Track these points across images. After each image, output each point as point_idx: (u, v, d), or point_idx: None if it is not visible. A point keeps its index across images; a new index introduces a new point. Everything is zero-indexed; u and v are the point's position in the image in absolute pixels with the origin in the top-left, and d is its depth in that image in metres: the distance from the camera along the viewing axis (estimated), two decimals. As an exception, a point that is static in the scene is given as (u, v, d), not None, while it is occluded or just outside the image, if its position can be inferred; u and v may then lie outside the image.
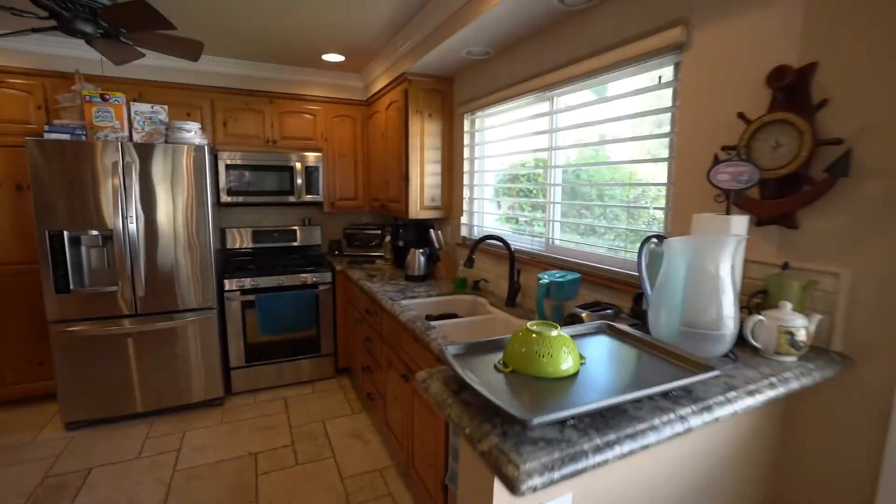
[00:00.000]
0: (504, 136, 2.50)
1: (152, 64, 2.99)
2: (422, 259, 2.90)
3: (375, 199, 3.57)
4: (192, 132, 2.76)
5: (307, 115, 3.45)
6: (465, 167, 2.85)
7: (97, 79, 2.87)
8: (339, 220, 3.99)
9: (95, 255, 2.65)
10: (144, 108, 2.70)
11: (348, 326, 3.34)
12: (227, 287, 3.03)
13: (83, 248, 2.63)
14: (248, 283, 3.08)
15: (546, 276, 1.80)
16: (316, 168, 3.45)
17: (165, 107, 2.78)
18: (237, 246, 3.57)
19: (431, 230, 3.03)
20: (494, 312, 2.28)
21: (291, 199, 3.41)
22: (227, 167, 3.20)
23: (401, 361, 2.15)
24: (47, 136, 2.49)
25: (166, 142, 2.71)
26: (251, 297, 3.08)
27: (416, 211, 2.93)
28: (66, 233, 2.55)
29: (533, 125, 2.27)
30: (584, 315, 1.45)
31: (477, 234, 2.85)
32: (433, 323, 2.11)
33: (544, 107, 2.17)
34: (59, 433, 2.67)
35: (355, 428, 2.78)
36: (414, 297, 2.46)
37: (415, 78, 2.77)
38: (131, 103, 2.67)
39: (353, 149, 3.63)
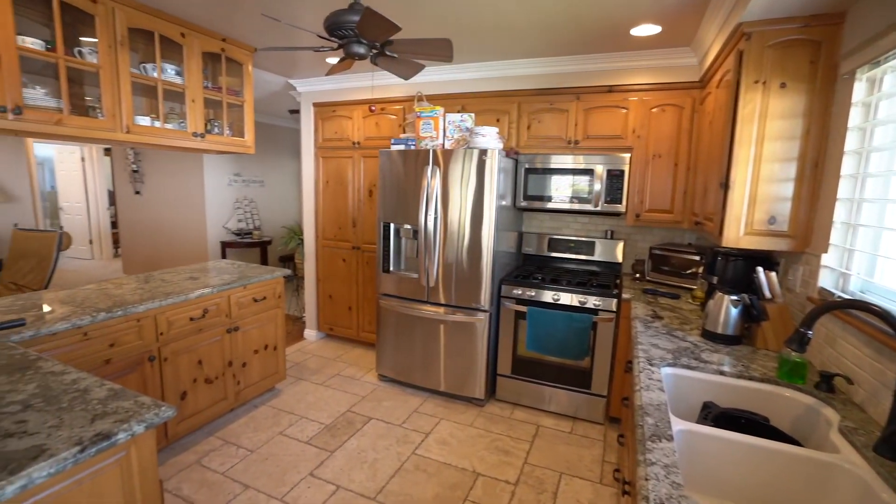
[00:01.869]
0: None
1: (470, 77, 3.25)
2: (732, 311, 1.88)
3: (694, 213, 2.63)
4: (488, 136, 2.81)
5: (618, 109, 2.89)
6: (848, 168, 1.61)
7: (434, 97, 3.37)
8: (650, 237, 3.22)
9: (409, 246, 3.17)
10: (455, 117, 2.96)
11: (623, 371, 2.65)
12: (503, 292, 3.00)
13: (402, 239, 3.19)
14: (523, 292, 2.93)
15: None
16: (620, 172, 2.87)
17: (472, 115, 2.95)
18: (533, 252, 3.48)
19: (760, 269, 1.92)
20: (845, 457, 1.15)
21: (588, 206, 2.98)
22: (526, 171, 3.12)
23: (631, 459, 1.44)
24: (392, 147, 3.13)
25: (468, 147, 2.88)
26: (524, 308, 2.92)
27: (734, 236, 1.92)
28: (392, 225, 3.16)
29: None
30: None
31: (854, 288, 1.58)
32: (693, 427, 1.28)
33: None
34: (373, 380, 3.41)
35: (592, 503, 2.17)
36: (694, 367, 1.61)
37: (758, 29, 1.77)
38: (446, 114, 2.98)
39: (674, 147, 2.79)
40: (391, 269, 3.20)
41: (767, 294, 1.88)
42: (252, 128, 2.96)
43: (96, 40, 2.15)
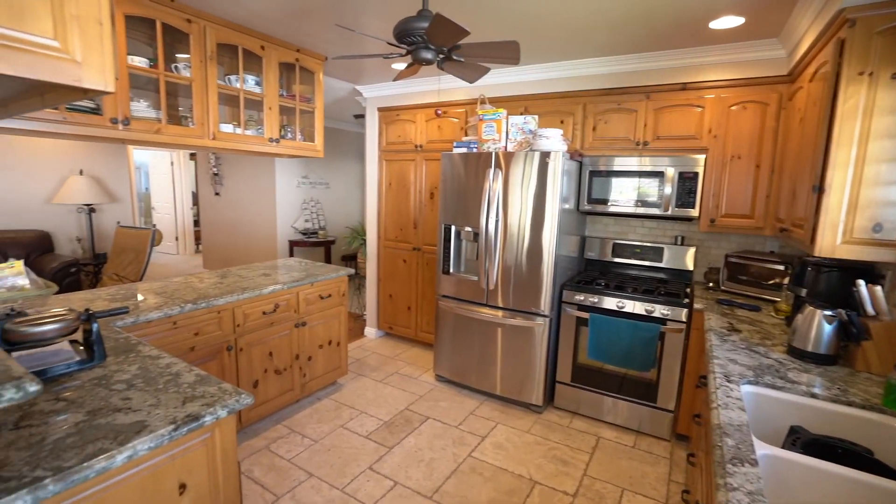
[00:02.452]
0: None
1: (533, 78, 3.20)
2: (826, 327, 1.71)
3: (779, 219, 2.42)
4: (552, 138, 2.76)
5: (692, 108, 2.73)
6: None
7: (498, 100, 3.36)
8: (726, 244, 3.00)
9: (469, 248, 3.18)
10: (518, 119, 2.93)
11: (695, 385, 2.49)
12: (564, 298, 2.92)
13: (463, 241, 3.21)
14: (585, 298, 2.84)
15: None
16: (693, 174, 2.70)
17: (535, 117, 2.91)
18: (595, 257, 3.37)
19: (862, 282, 1.73)
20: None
21: (656, 211, 2.84)
22: (590, 174, 3.02)
23: (706, 482, 1.35)
24: (455, 150, 3.16)
25: (531, 149, 2.84)
26: (587, 315, 2.83)
27: (829, 244, 1.74)
28: (453, 227, 3.18)
29: None
30: None
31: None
32: (781, 453, 1.17)
33: None
34: (430, 380, 3.46)
35: (657, 525, 2.06)
36: (779, 387, 1.48)
37: (863, 14, 1.59)
38: (509, 117, 2.96)
39: (756, 147, 2.58)
40: (451, 270, 3.23)
41: (870, 310, 1.69)
42: (322, 133, 3.11)
43: (190, 56, 2.36)
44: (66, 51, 0.91)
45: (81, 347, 1.51)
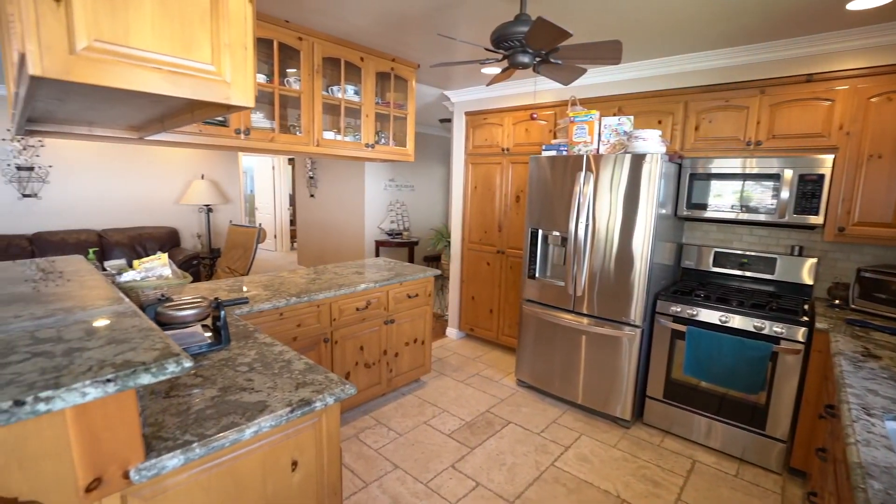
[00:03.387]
0: None
1: (628, 77, 3.05)
2: None
3: (932, 228, 2.07)
4: (649, 140, 2.61)
5: (818, 102, 2.43)
6: None
7: (590, 101, 3.25)
8: (858, 256, 2.62)
9: (556, 253, 3.12)
10: (611, 120, 2.81)
11: (816, 415, 2.21)
12: (658, 308, 2.75)
13: (549, 246, 3.15)
14: (683, 309, 2.65)
15: None
16: (817, 177, 2.40)
17: (630, 117, 2.78)
18: (693, 266, 3.12)
19: None
20: None
21: (769, 217, 2.57)
22: (691, 177, 2.81)
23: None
24: (544, 153, 3.11)
25: (625, 151, 2.72)
26: (683, 328, 2.64)
27: None
28: (539, 231, 3.14)
29: None
30: None
31: None
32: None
33: None
34: (511, 384, 3.43)
35: (766, 565, 1.86)
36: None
37: None
38: (602, 118, 2.86)
39: (904, 144, 2.23)
40: (536, 275, 3.18)
41: None
42: (413, 137, 3.23)
43: (298, 70, 2.58)
44: (220, 73, 1.05)
45: (209, 333, 1.72)
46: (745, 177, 2.63)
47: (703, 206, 2.79)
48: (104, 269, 1.89)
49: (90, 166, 5.01)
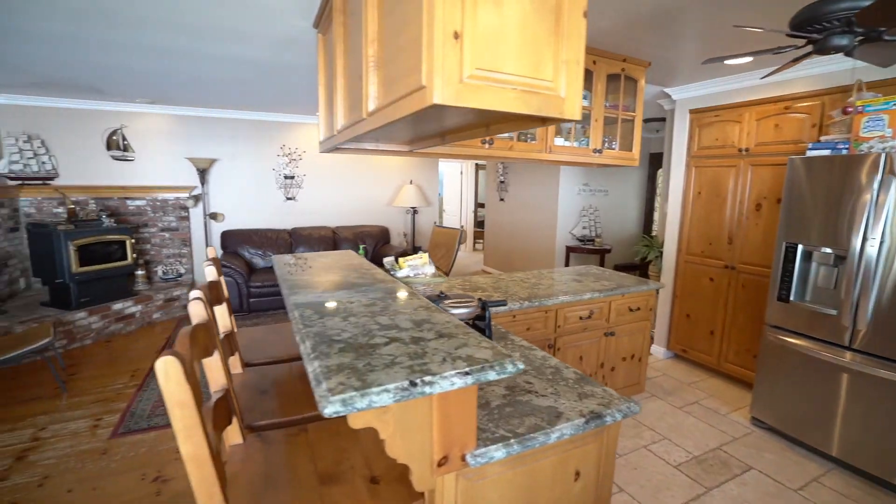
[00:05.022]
0: None
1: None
2: None
3: None
4: None
5: None
6: None
7: (881, 85, 2.57)
8: None
9: (823, 274, 2.56)
10: (933, 107, 2.17)
11: None
12: None
13: (813, 264, 2.60)
14: None
15: None
16: None
17: (969, 101, 2.09)
18: None
19: None
20: None
21: None
22: None
23: None
24: (809, 153, 2.59)
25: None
26: None
27: None
28: (800, 246, 2.61)
29: None
30: None
31: None
32: None
33: None
34: (743, 421, 2.95)
35: None
36: None
37: None
38: (915, 105, 2.22)
39: None
40: (790, 298, 2.66)
41: None
42: (639, 140, 3.03)
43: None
44: (556, 89, 1.10)
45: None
46: None
47: None
48: (380, 264, 2.22)
49: (329, 175, 6.08)
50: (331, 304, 1.46)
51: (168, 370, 0.81)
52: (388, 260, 2.22)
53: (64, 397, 3.14)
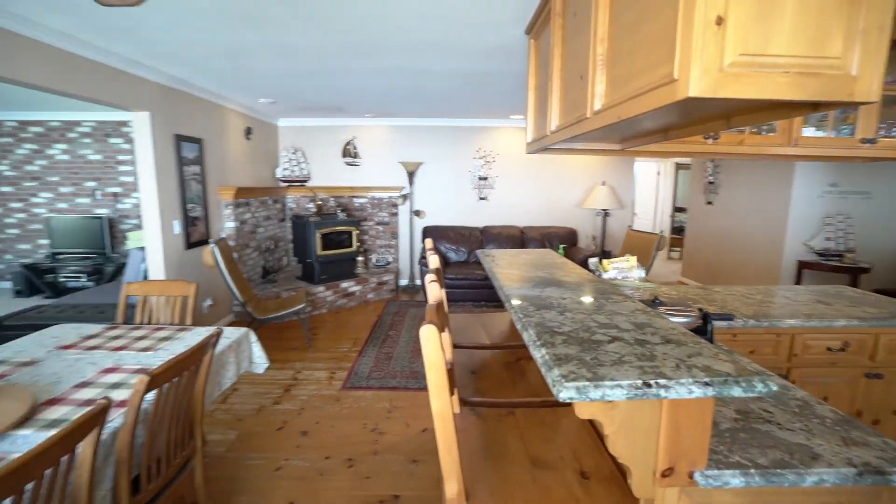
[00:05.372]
0: None
1: None
2: None
3: None
4: None
5: None
6: None
7: None
8: None
9: None
10: None
11: None
12: None
13: None
14: None
15: None
16: None
17: None
18: None
19: None
20: None
21: None
22: None
23: None
24: None
25: None
26: None
27: None
28: None
29: None
30: None
31: None
32: None
33: None
34: None
35: None
36: None
37: None
38: None
39: None
40: None
41: None
42: (940, 126, 2.28)
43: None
44: (845, 66, 0.91)
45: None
46: None
47: None
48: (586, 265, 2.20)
49: (519, 176, 6.25)
50: (545, 299, 1.51)
51: (429, 336, 0.97)
52: (593, 261, 2.18)
53: (310, 351, 4.01)
